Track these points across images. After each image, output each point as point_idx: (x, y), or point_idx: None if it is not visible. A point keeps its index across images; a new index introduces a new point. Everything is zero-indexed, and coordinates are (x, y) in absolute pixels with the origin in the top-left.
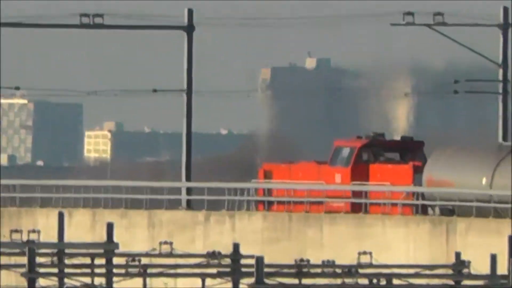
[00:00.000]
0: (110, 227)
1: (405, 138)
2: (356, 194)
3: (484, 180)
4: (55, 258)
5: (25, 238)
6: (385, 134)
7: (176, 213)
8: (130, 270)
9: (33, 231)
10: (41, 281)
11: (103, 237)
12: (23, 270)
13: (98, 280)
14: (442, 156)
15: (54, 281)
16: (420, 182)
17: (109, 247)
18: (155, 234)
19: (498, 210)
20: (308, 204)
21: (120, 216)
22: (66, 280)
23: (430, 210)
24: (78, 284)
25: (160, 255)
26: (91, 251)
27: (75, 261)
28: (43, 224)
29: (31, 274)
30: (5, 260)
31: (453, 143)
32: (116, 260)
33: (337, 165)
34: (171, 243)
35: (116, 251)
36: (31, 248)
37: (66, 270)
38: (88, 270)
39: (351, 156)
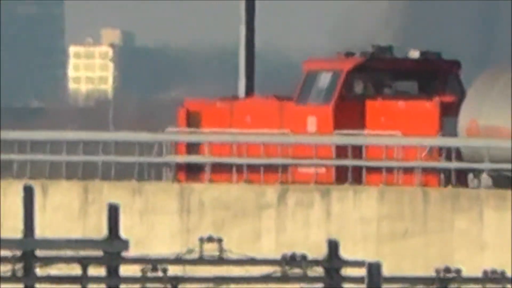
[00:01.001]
0: (113, 212)
1: (428, 55)
2: (341, 151)
3: None
4: (19, 266)
5: None
6: (392, 48)
7: (228, 188)
8: (149, 286)
9: None
10: None
11: (102, 230)
12: None
13: None
14: (494, 83)
15: None
16: (454, 130)
17: (112, 248)
18: (191, 225)
19: None
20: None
21: (131, 193)
22: None
23: (471, 179)
24: None
25: (201, 260)
26: (81, 253)
27: (53, 270)
28: None
29: None
30: None
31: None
32: (125, 270)
33: (311, 102)
34: (219, 241)
35: (125, 254)
36: None
37: (38, 287)
38: (76, 287)
39: (334, 87)
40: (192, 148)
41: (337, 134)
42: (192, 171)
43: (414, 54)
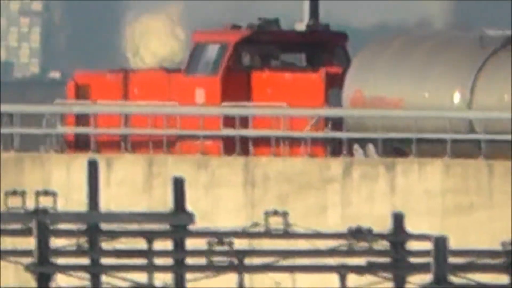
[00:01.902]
0: (179, 185)
1: (315, 28)
2: (228, 122)
3: (457, 96)
4: (83, 240)
5: (30, 205)
6: (279, 21)
7: (293, 161)
8: (215, 259)
9: (45, 193)
10: (60, 279)
11: (167, 204)
12: (29, 260)
13: (160, 277)
14: (378, 55)
15: (82, 279)
16: (338, 101)
17: (178, 221)
18: (256, 199)
19: (481, 146)
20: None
21: (197, 167)
22: (103, 277)
23: (357, 149)
24: (124, 283)
25: (267, 234)
26: (146, 227)
27: (119, 244)
28: (61, 182)
29: (43, 267)
30: None
31: (397, 32)
32: (190, 243)
33: (198, 73)
34: (284, 214)
35: (191, 227)
36: (42, 223)
37: (103, 261)
38: (142, 261)
39: (221, 59)
40: (81, 120)
41: (224, 105)
42: (79, 145)
43: (301, 26)
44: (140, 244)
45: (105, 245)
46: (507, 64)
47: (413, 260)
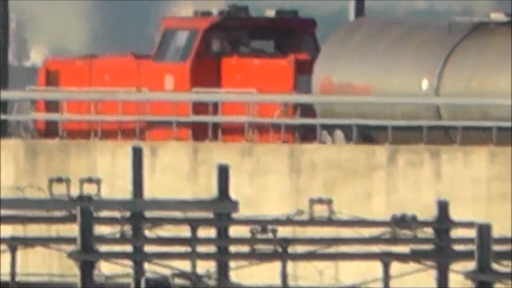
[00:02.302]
0: (223, 172)
1: (284, 14)
2: (199, 109)
3: (424, 83)
4: (127, 227)
5: (74, 192)
6: (248, 8)
7: (339, 149)
8: (259, 247)
9: (90, 180)
10: (104, 266)
11: (212, 191)
12: (72, 247)
13: (204, 265)
14: (348, 41)
15: (125, 266)
16: (307, 87)
17: (222, 209)
18: (301, 186)
19: (449, 131)
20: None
21: (241, 154)
22: (146, 265)
23: (324, 135)
24: (167, 271)
25: (311, 222)
26: (190, 215)
27: (163, 232)
28: (106, 169)
29: (87, 255)
30: (41, 230)
31: (365, 19)
32: (234, 231)
33: (168, 60)
34: (329, 202)
35: (235, 215)
36: (86, 210)
37: (147, 248)
38: (185, 249)
39: (192, 45)
40: (51, 107)
41: (194, 91)
42: (49, 133)
43: (270, 13)
44: (183, 231)
45: (149, 233)
46: (474, 51)
47: (457, 247)
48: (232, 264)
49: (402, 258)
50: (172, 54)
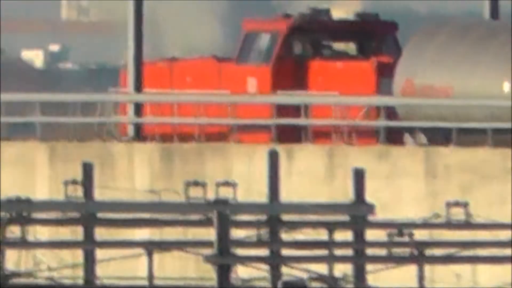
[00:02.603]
0: (359, 176)
1: (365, 17)
2: (282, 111)
3: (506, 85)
4: (264, 231)
5: (211, 195)
6: (330, 10)
7: (475, 152)
8: (395, 250)
9: (226, 183)
10: (240, 269)
11: (348, 194)
12: (209, 251)
13: (340, 268)
14: (429, 44)
15: (261, 270)
16: (389, 89)
17: (358, 212)
18: (437, 189)
19: None
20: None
21: (378, 157)
22: (283, 268)
23: (407, 137)
24: (304, 274)
25: (448, 225)
26: (325, 218)
27: (299, 235)
28: (242, 172)
29: (224, 258)
30: (178, 233)
31: (447, 20)
32: (370, 234)
33: (250, 62)
34: (465, 205)
35: (371, 218)
36: (222, 214)
37: (284, 252)
38: (322, 252)
39: (273, 48)
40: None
41: (279, 94)
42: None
43: (351, 15)
44: (320, 235)
45: (285, 236)
46: None
47: None
48: (368, 267)
49: None
50: (254, 57)
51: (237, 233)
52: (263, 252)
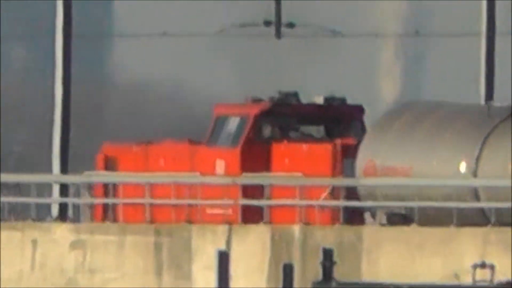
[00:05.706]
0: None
1: (332, 100)
2: (248, 191)
3: (463, 165)
4: None
5: None
6: (298, 94)
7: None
8: None
9: None
10: None
11: None
12: None
13: None
14: (390, 126)
15: None
16: (351, 170)
17: None
18: None
19: (486, 213)
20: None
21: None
22: None
23: (368, 217)
24: None
25: None
26: None
27: None
28: None
29: None
30: None
31: (409, 104)
32: None
33: (220, 145)
34: None
35: None
36: None
37: None
38: None
39: (242, 131)
40: (108, 190)
41: (244, 176)
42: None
43: (319, 99)
44: None
45: None
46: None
47: None
48: None
49: None
50: (223, 140)
51: None
52: None
